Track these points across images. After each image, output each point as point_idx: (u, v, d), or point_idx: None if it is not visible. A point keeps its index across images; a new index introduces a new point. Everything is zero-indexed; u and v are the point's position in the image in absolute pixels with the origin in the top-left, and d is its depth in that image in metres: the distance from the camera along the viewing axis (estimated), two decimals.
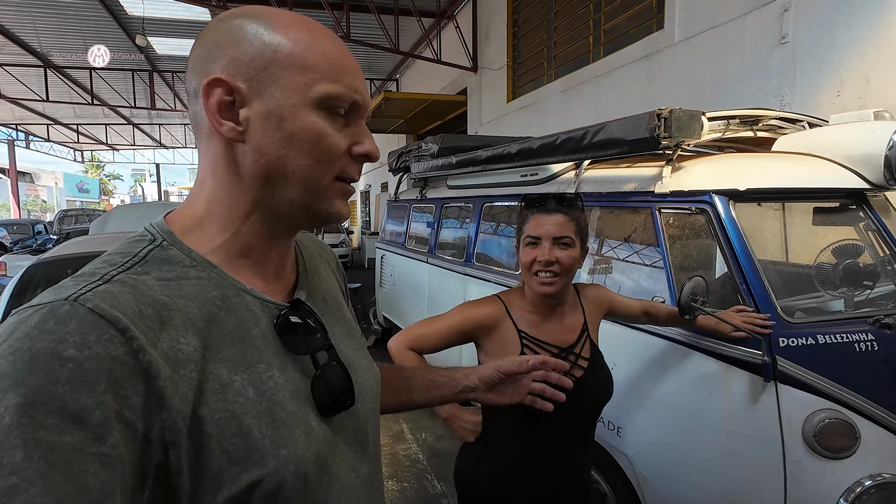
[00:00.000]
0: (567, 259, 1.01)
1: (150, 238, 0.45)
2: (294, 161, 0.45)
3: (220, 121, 0.44)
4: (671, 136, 1.41)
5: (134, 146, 21.28)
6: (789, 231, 2.08)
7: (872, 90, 2.73)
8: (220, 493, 0.38)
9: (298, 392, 0.46)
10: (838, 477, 1.19)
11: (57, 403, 0.31)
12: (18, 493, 0.29)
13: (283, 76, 0.44)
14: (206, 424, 0.38)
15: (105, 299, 0.36)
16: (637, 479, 1.52)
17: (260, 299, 0.47)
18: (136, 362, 0.35)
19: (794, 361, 1.23)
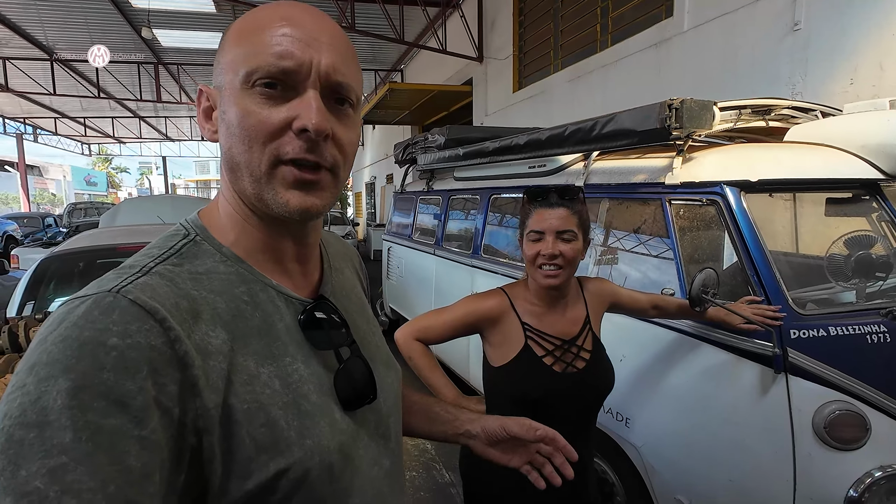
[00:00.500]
0: (570, 252, 1.03)
1: (184, 233, 0.47)
2: (235, 150, 0.44)
3: (203, 125, 0.48)
4: (682, 127, 1.40)
5: (140, 139, 21.37)
6: (800, 221, 2.07)
7: (887, 77, 2.68)
8: (250, 480, 0.40)
9: (322, 385, 0.47)
10: (848, 468, 1.19)
11: (102, 388, 0.33)
12: (67, 471, 0.31)
13: (224, 71, 0.45)
14: (235, 413, 0.40)
15: (145, 291, 0.38)
16: (645, 469, 1.53)
17: (285, 295, 0.48)
18: (173, 352, 0.37)
19: (805, 353, 1.23)
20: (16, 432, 0.31)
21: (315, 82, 0.43)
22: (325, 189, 0.46)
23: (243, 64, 0.43)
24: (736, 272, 1.39)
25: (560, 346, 1.05)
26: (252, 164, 0.44)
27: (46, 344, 0.34)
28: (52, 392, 0.32)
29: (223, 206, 0.48)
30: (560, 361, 1.04)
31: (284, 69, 0.42)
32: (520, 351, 1.05)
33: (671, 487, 1.47)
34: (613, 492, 1.70)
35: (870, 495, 1.15)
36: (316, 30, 0.44)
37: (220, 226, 0.48)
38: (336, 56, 0.44)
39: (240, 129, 0.43)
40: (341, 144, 0.46)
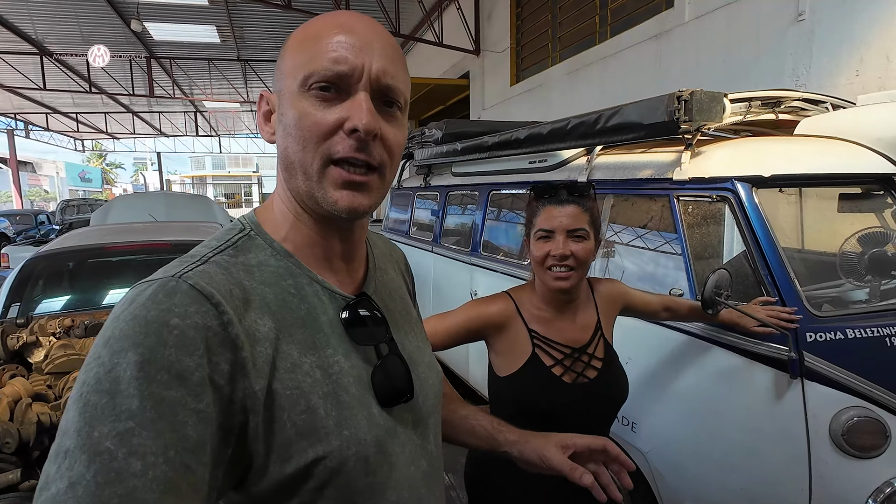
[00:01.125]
0: (582, 252, 0.96)
1: (241, 227, 0.51)
2: (291, 150, 0.47)
3: (262, 127, 0.51)
4: (692, 120, 1.33)
5: (134, 135, 21.14)
6: (805, 216, 2.01)
7: (894, 69, 2.62)
8: (289, 465, 0.42)
9: (361, 379, 0.48)
10: (867, 477, 1.14)
11: (165, 363, 0.36)
12: (133, 435, 0.34)
13: (283, 77, 0.48)
14: (279, 398, 0.42)
15: (203, 278, 0.42)
16: (652, 475, 1.48)
17: (329, 290, 0.50)
18: (226, 334, 0.40)
19: (821, 357, 1.17)
20: (91, 398, 0.35)
21: (366, 85, 0.46)
22: (373, 190, 0.48)
23: (302, 69, 0.46)
24: (747, 272, 1.33)
25: (570, 354, 0.99)
26: (305, 163, 0.46)
27: (119, 321, 0.38)
28: (123, 364, 0.36)
29: (277, 204, 0.52)
30: (570, 371, 0.98)
31: (338, 73, 0.45)
32: (527, 360, 0.99)
33: (679, 494, 1.42)
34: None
35: None
36: (369, 36, 0.47)
37: (274, 222, 0.51)
38: (386, 61, 0.47)
39: (296, 129, 0.46)
40: (389, 145, 0.48)
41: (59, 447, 0.34)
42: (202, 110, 18.34)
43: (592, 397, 0.98)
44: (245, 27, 9.32)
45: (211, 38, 9.76)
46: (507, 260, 2.34)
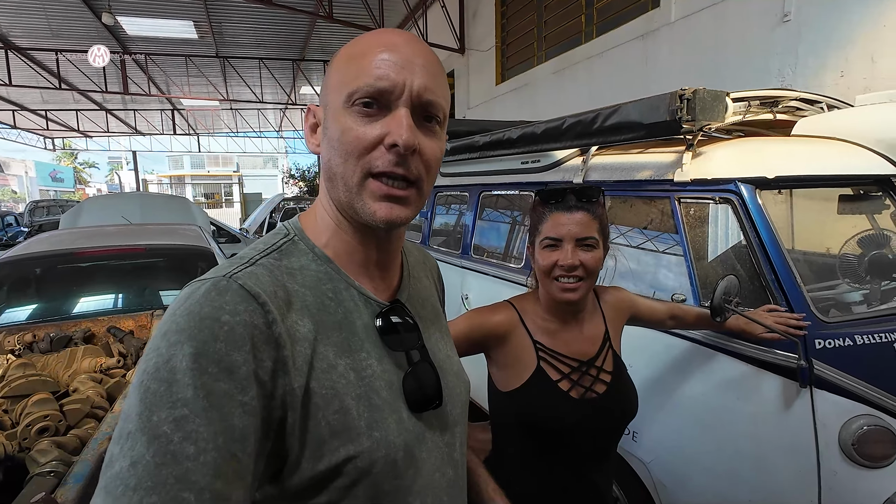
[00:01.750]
0: (592, 262, 0.91)
1: (285, 232, 0.53)
2: (334, 162, 0.49)
3: (309, 139, 0.54)
4: (694, 120, 1.29)
5: (108, 133, 20.48)
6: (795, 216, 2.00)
7: (879, 70, 2.64)
8: (321, 462, 0.43)
9: (392, 384, 0.50)
10: (877, 487, 1.11)
11: (216, 356, 0.39)
12: (188, 421, 0.37)
13: (329, 91, 0.51)
14: (315, 397, 0.44)
15: (251, 279, 0.44)
16: (654, 486, 1.44)
17: (365, 296, 0.52)
18: (271, 332, 0.42)
19: (831, 364, 1.14)
20: (151, 385, 0.38)
21: (407, 101, 0.48)
22: (411, 203, 0.50)
23: (347, 86, 0.48)
24: (753, 276, 1.29)
25: (577, 368, 0.94)
26: (347, 175, 0.48)
27: (176, 316, 0.41)
28: (179, 355, 0.38)
29: (320, 212, 0.54)
30: (578, 386, 0.92)
31: (380, 89, 0.47)
32: (532, 374, 0.93)
33: None
34: None
35: None
36: (411, 54, 0.49)
37: (315, 229, 0.54)
38: (428, 77, 0.49)
39: (339, 143, 0.48)
40: (427, 159, 0.50)
41: (122, 429, 0.37)
42: (180, 108, 17.87)
43: (602, 413, 0.93)
44: (224, 23, 9.07)
45: (188, 34, 9.49)
46: (499, 263, 2.28)
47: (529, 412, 0.92)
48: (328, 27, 9.07)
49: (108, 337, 1.88)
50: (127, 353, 1.73)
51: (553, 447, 0.93)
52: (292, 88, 13.34)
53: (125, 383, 1.46)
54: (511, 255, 2.28)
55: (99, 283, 2.45)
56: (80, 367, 1.55)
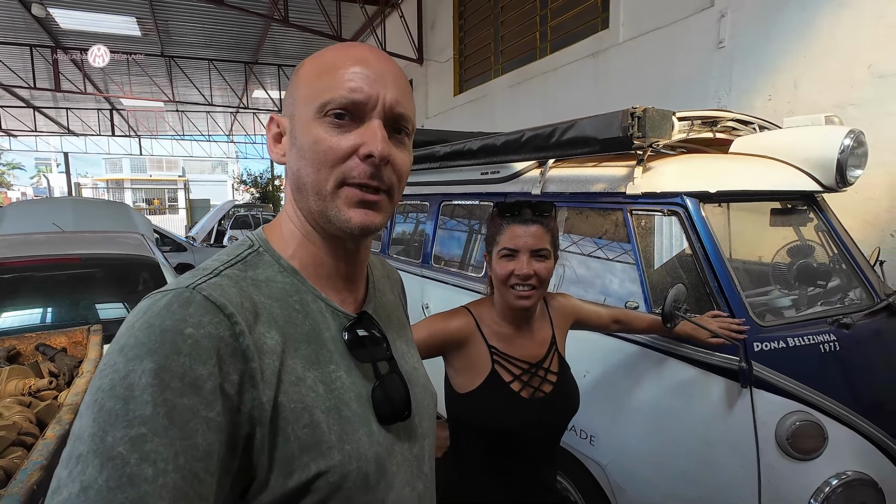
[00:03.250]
0: (545, 272, 0.99)
1: (250, 244, 0.52)
2: (304, 172, 0.49)
3: (272, 149, 0.53)
4: (644, 136, 1.37)
5: (35, 132, 18.89)
6: (739, 230, 2.16)
7: (800, 95, 2.92)
8: (291, 479, 0.42)
9: (361, 396, 0.49)
10: (809, 478, 1.20)
11: (180, 371, 0.37)
12: (146, 441, 0.34)
13: (297, 100, 0.50)
14: (283, 411, 0.43)
15: (216, 290, 0.43)
16: (611, 489, 1.48)
17: (332, 307, 0.52)
18: (238, 344, 0.41)
19: (767, 365, 1.23)
20: (106, 403, 0.35)
21: (380, 113, 0.49)
22: (383, 209, 0.50)
23: (318, 97, 0.48)
24: (697, 284, 1.38)
25: (527, 370, 1.01)
26: (319, 184, 0.48)
27: (134, 329, 0.39)
28: (139, 371, 0.36)
29: (285, 223, 0.54)
30: (527, 386, 1.00)
31: (355, 101, 0.48)
32: (486, 377, 0.99)
33: None
34: None
35: None
36: (382, 69, 0.50)
37: (282, 240, 0.53)
38: (398, 91, 0.50)
39: (311, 153, 0.48)
40: (398, 169, 0.51)
41: (71, 451, 0.35)
42: (119, 108, 16.79)
43: (549, 411, 1.01)
44: (171, 21, 8.65)
45: (131, 31, 8.97)
46: (459, 272, 2.30)
47: (484, 412, 0.98)
48: (283, 31, 8.86)
49: (38, 355, 1.72)
50: (59, 372, 1.59)
51: (506, 444, 0.99)
52: (244, 91, 12.89)
53: (57, 406, 1.34)
54: (470, 263, 2.30)
55: (26, 297, 2.24)
56: (4, 389, 1.40)
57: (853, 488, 1.20)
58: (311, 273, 0.52)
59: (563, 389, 1.03)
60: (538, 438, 1.01)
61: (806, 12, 2.82)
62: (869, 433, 1.25)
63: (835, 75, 2.71)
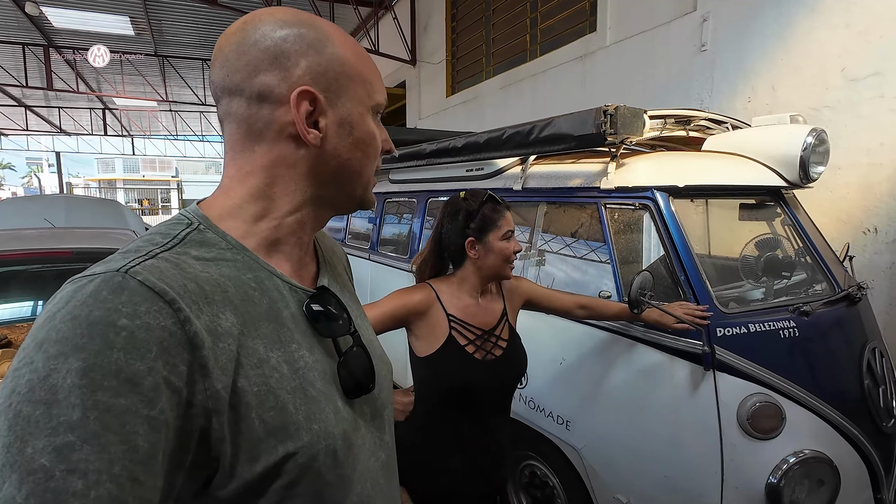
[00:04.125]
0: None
1: (187, 222, 0.48)
2: (359, 161, 0.52)
3: (308, 129, 0.48)
4: (616, 133, 1.43)
5: (27, 131, 18.76)
6: (712, 225, 2.23)
7: (778, 97, 3.01)
8: (258, 463, 0.41)
9: (325, 373, 0.48)
10: (768, 456, 1.27)
11: (113, 368, 0.33)
12: (74, 450, 0.31)
13: (349, 87, 0.50)
14: (246, 396, 0.41)
15: (153, 273, 0.39)
16: (586, 471, 1.55)
17: (289, 284, 0.50)
18: (183, 332, 0.38)
19: (729, 350, 1.30)
20: (23, 408, 0.31)
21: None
22: None
23: (374, 95, 0.52)
24: (664, 272, 1.44)
25: (481, 335, 1.14)
26: (369, 174, 0.53)
27: (55, 321, 0.34)
28: (63, 370, 0.32)
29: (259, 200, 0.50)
30: (480, 350, 1.13)
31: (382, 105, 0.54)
32: (445, 341, 1.12)
33: (610, 487, 1.49)
34: (554, 494, 1.71)
35: (787, 480, 1.24)
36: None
37: (232, 220, 0.49)
38: None
39: (369, 147, 0.52)
40: None
41: None
42: (112, 108, 16.72)
43: (499, 372, 1.15)
44: (164, 21, 8.67)
45: (124, 31, 8.96)
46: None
47: (443, 371, 1.11)
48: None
49: None
50: None
51: (463, 401, 1.12)
52: None
53: None
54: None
55: (18, 290, 2.27)
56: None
57: (810, 466, 1.27)
58: (268, 250, 0.50)
59: (512, 353, 1.18)
60: (491, 396, 1.16)
61: (782, 18, 2.91)
62: (826, 415, 1.32)
63: (810, 79, 2.81)
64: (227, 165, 0.51)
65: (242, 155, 0.50)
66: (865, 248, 2.57)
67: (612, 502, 1.49)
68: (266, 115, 0.48)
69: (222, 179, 0.52)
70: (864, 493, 1.39)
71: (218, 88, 0.49)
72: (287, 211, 0.50)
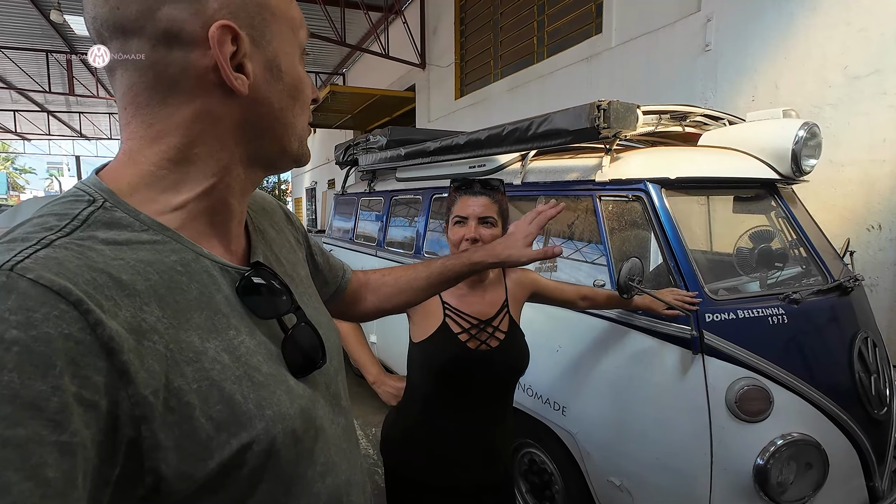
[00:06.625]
0: (489, 237, 1.10)
1: (88, 199, 0.39)
2: (292, 111, 0.46)
3: (235, 74, 0.41)
4: (610, 127, 1.49)
5: (49, 136, 19.32)
6: (713, 222, 2.27)
7: (781, 96, 3.02)
8: (211, 461, 0.37)
9: (271, 355, 0.45)
10: (755, 439, 1.30)
11: (6, 393, 0.27)
12: None
13: (273, 24, 0.44)
14: (186, 395, 0.36)
15: (49, 268, 0.32)
16: (581, 455, 1.59)
17: (219, 264, 0.44)
18: (94, 338, 0.31)
19: (718, 335, 1.34)
20: None
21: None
22: None
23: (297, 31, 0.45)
24: (658, 262, 1.49)
25: (476, 325, 1.12)
26: (301, 124, 0.47)
27: None
28: None
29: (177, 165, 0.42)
30: (474, 339, 1.12)
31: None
32: (438, 327, 1.11)
33: (604, 470, 1.53)
34: (552, 480, 1.75)
35: (773, 462, 1.27)
36: None
37: (151, 188, 0.42)
38: None
39: (301, 95, 0.46)
40: None
41: None
42: None
43: (492, 363, 1.12)
44: None
45: None
46: None
47: (433, 357, 1.10)
48: None
49: None
50: None
51: (453, 389, 1.10)
52: None
53: None
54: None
55: None
56: None
57: (797, 448, 1.30)
58: (193, 227, 0.43)
59: (510, 347, 1.14)
60: (484, 387, 1.13)
61: (784, 17, 2.94)
62: (814, 399, 1.35)
63: (812, 77, 2.82)
64: (129, 124, 0.42)
65: (149, 110, 0.42)
66: (870, 245, 2.57)
67: (605, 485, 1.53)
68: (179, 59, 0.40)
69: (123, 142, 0.43)
70: (854, 480, 1.41)
71: (102, 25, 0.41)
72: (212, 174, 0.43)
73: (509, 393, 1.18)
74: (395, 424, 1.18)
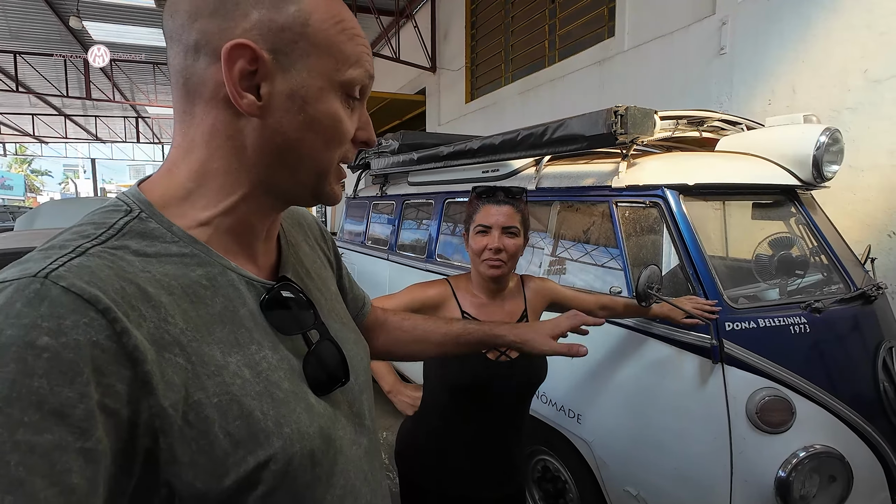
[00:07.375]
0: (513, 246, 1.10)
1: (126, 209, 0.41)
2: (310, 144, 0.44)
3: (241, 93, 0.40)
4: (627, 133, 1.47)
5: (66, 139, 19.67)
6: (729, 227, 2.24)
7: (798, 99, 2.98)
8: (227, 478, 0.37)
9: (293, 371, 0.44)
10: (777, 449, 1.28)
11: (35, 398, 0.28)
12: None
13: (312, 54, 0.42)
14: (205, 409, 0.36)
15: (81, 276, 0.33)
16: (596, 464, 1.57)
17: (246, 278, 0.45)
18: (120, 347, 0.32)
19: (738, 344, 1.32)
20: None
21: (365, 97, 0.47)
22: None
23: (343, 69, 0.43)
24: (676, 270, 1.47)
25: None
26: (326, 162, 0.45)
27: None
28: None
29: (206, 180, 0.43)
30: (494, 350, 1.10)
31: (366, 87, 0.46)
32: None
33: (620, 479, 1.51)
34: (566, 488, 1.74)
35: (796, 474, 1.24)
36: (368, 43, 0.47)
37: (181, 206, 0.43)
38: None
39: (327, 129, 0.44)
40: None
41: None
42: (144, 116, 17.42)
43: (512, 374, 1.11)
44: None
45: (158, 42, 9.38)
46: (461, 267, 2.41)
47: (451, 369, 1.09)
48: None
49: None
50: None
51: (471, 400, 1.10)
52: None
53: None
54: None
55: None
56: None
57: (820, 460, 1.27)
58: (222, 241, 0.44)
59: (529, 359, 1.12)
60: (502, 399, 1.11)
61: (801, 20, 2.90)
62: (838, 411, 1.32)
63: (831, 80, 2.78)
64: (175, 131, 0.44)
65: (183, 118, 0.43)
66: (891, 252, 2.52)
67: (621, 495, 1.51)
68: (201, 69, 0.41)
69: (169, 152, 0.45)
70: (879, 493, 1.38)
71: (164, 32, 0.43)
72: (232, 192, 0.44)
73: (527, 404, 1.17)
74: (411, 433, 1.18)
